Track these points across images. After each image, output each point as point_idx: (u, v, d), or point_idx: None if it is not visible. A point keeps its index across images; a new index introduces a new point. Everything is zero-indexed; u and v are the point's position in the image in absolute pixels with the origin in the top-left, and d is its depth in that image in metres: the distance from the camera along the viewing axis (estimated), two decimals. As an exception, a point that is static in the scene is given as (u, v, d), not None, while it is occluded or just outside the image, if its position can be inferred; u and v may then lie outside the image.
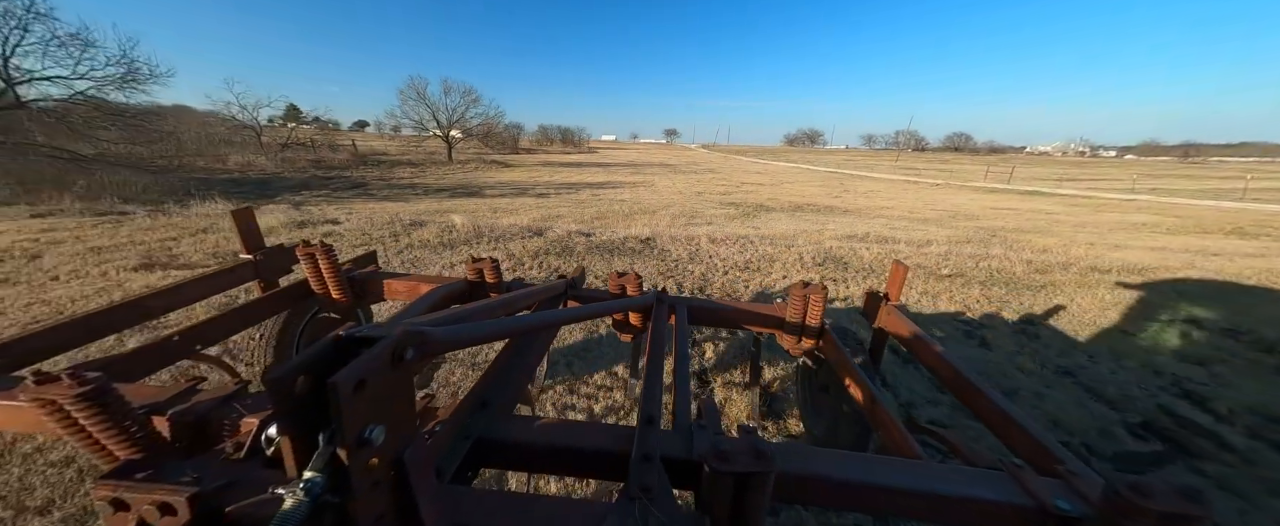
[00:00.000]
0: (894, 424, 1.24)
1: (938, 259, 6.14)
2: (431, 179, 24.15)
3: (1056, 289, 5.07)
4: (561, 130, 79.08)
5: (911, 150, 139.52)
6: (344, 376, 0.49)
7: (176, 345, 1.46)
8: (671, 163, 44.67)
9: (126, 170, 13.89)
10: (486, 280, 1.77)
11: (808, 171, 38.80)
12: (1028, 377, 3.07)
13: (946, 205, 17.54)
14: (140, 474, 0.66)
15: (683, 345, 1.47)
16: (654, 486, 0.78)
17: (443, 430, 0.87)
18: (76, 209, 7.36)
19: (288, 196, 15.26)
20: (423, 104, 38.43)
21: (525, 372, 1.19)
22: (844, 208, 15.65)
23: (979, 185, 28.62)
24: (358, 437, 0.53)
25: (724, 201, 16.33)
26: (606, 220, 10.38)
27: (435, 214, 10.22)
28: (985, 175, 34.31)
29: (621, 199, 15.81)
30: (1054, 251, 7.43)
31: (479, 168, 31.67)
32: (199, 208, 8.20)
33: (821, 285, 1.73)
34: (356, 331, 0.59)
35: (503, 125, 47.44)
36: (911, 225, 11.50)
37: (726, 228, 9.65)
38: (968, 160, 79.37)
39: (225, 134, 30.38)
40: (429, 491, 0.65)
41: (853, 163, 57.39)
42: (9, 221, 6.18)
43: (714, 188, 22.02)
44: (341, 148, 35.34)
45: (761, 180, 28.21)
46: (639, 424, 0.95)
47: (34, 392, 0.73)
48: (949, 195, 22.70)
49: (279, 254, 2.00)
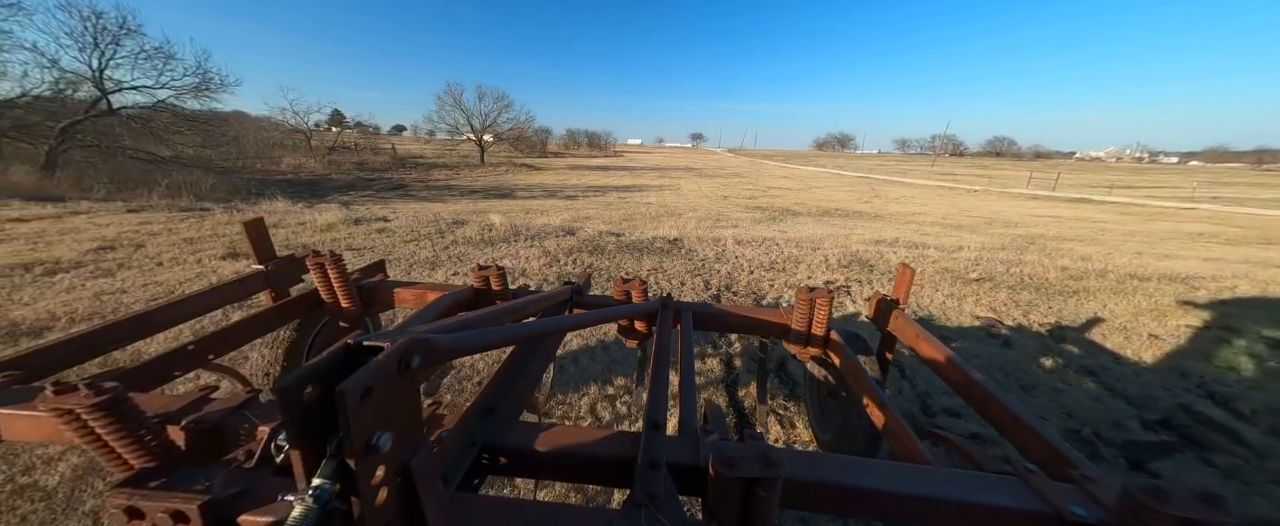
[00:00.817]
0: (903, 429, 1.23)
1: (967, 264, 6.12)
2: (466, 181, 25.15)
3: (1090, 295, 5.00)
4: (588, 134, 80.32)
5: (948, 155, 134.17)
6: (351, 384, 0.50)
7: (190, 355, 1.48)
8: (697, 167, 44.74)
9: (197, 171, 15.23)
10: (492, 288, 1.77)
11: (837, 176, 38.12)
12: (1047, 375, 3.14)
13: (983, 212, 17.00)
14: (154, 482, 0.67)
15: (688, 351, 1.47)
16: (660, 493, 0.78)
17: (449, 437, 0.87)
18: (162, 205, 8.26)
19: (336, 197, 16.32)
20: (458, 109, 40.03)
21: (531, 379, 1.20)
22: (873, 213, 15.43)
23: (1020, 192, 27.45)
24: (365, 445, 0.53)
25: (750, 205, 16.40)
26: (634, 222, 10.71)
27: (473, 214, 10.80)
28: (1028, 181, 32.80)
29: (648, 202, 16.13)
30: (1095, 259, 7.23)
31: (510, 170, 32.65)
32: (266, 206, 9.02)
33: (828, 290, 1.72)
34: (364, 339, 0.59)
35: (532, 129, 48.74)
36: (944, 231, 11.30)
37: (752, 230, 9.80)
38: (1009, 165, 75.70)
39: (279, 138, 32.56)
40: (435, 498, 0.65)
41: (885, 168, 55.83)
42: (112, 215, 7.03)
43: (740, 192, 22.06)
44: (382, 151, 37.21)
45: (788, 185, 27.95)
46: (644, 429, 0.95)
47: (53, 402, 0.75)
48: (987, 202, 21.92)
49: (289, 264, 2.00)
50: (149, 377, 1.36)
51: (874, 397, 1.40)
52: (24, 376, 1.12)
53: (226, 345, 1.60)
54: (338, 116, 56.74)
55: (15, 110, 12.57)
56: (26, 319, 3.17)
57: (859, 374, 1.52)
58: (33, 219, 6.47)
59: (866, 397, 1.45)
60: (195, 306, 1.66)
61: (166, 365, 1.41)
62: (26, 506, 1.65)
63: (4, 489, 1.71)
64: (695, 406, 1.13)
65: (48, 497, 1.69)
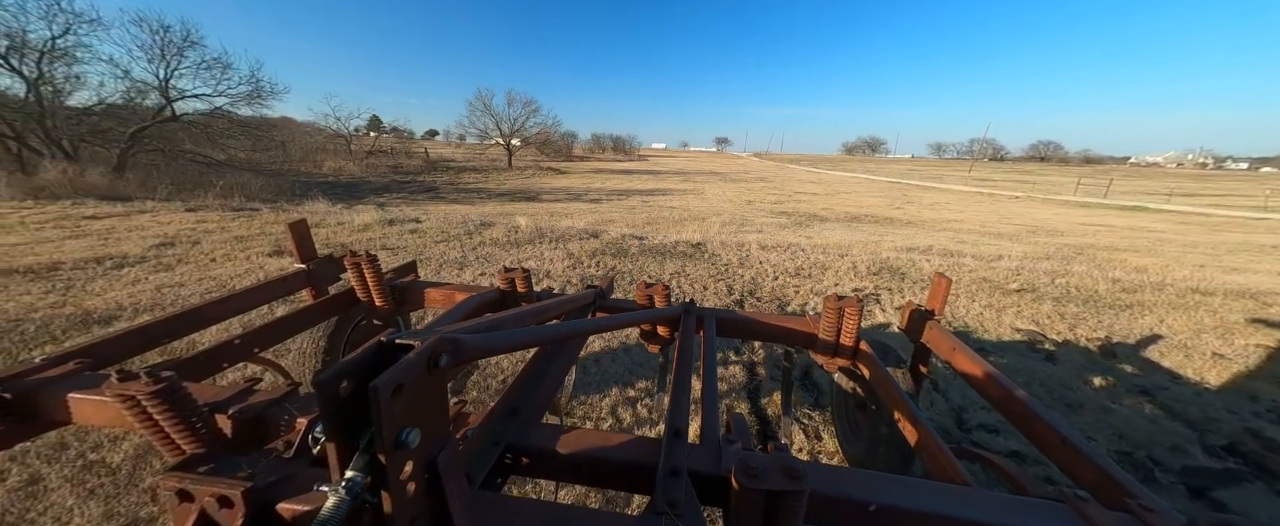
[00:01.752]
0: (938, 446, 1.17)
1: (1007, 274, 5.83)
2: (494, 184, 25.78)
3: (1145, 309, 4.67)
4: (613, 138, 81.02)
5: (987, 160, 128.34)
6: (383, 381, 0.52)
7: (237, 348, 1.55)
8: (721, 171, 44.42)
9: (248, 173, 16.23)
10: (518, 289, 1.81)
11: (867, 181, 37.07)
12: (1096, 393, 2.95)
13: (1025, 219, 16.16)
14: (202, 467, 0.70)
15: (711, 357, 1.45)
16: (681, 501, 0.77)
17: (474, 436, 0.89)
18: (216, 205, 8.84)
19: (372, 198, 17.04)
20: (488, 114, 41.15)
21: (554, 381, 1.20)
22: (906, 219, 14.92)
23: (1067, 199, 25.95)
24: (395, 440, 0.55)
25: (775, 210, 16.15)
26: (657, 225, 10.73)
27: (500, 216, 11.07)
28: (1076, 188, 30.96)
29: (671, 206, 16.12)
30: (1151, 271, 6.75)
31: (536, 174, 33.28)
32: (308, 207, 9.52)
33: (857, 298, 1.68)
34: (396, 337, 0.61)
35: (559, 134, 49.59)
36: (982, 239, 10.81)
37: (777, 236, 9.64)
38: (1054, 171, 71.74)
39: (322, 142, 34.32)
40: (460, 495, 0.67)
41: (918, 172, 53.92)
42: (172, 214, 7.59)
43: (765, 197, 21.76)
44: (415, 155, 38.66)
45: (815, 190, 27.38)
46: (666, 437, 0.94)
47: (117, 388, 0.80)
48: (1029, 209, 20.84)
49: (329, 263, 2.09)
50: (200, 368, 1.43)
51: (907, 412, 1.35)
52: (92, 364, 1.18)
53: (270, 339, 1.68)
54: (376, 122, 59.42)
55: (93, 117, 13.75)
56: (97, 308, 3.45)
57: (890, 386, 1.47)
58: (105, 217, 7.06)
59: (898, 412, 1.40)
60: (243, 302, 1.75)
61: (216, 357, 1.49)
62: (94, 480, 1.79)
63: (76, 463, 1.86)
64: (717, 414, 1.11)
65: (113, 473, 1.83)
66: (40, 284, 3.86)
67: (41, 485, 1.74)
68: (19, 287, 3.75)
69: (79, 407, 1.01)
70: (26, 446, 1.88)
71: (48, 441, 1.93)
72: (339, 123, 36.25)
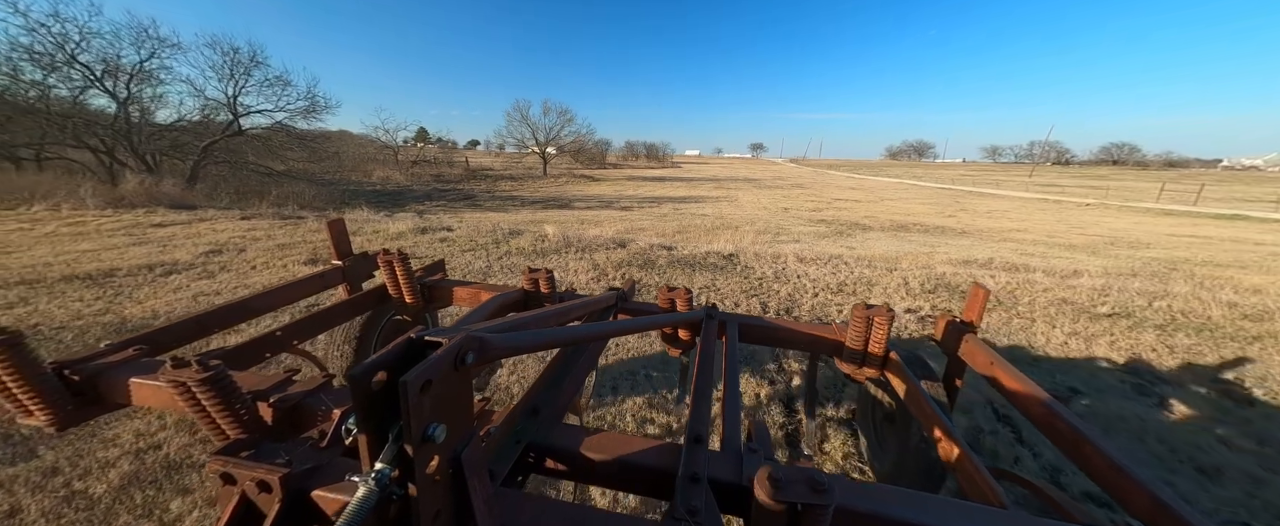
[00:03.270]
0: (974, 465, 1.10)
1: (1091, 294, 5.08)
2: (528, 191, 26.28)
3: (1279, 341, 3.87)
4: (646, 145, 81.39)
5: (1049, 163, 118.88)
6: (412, 376, 0.53)
7: (278, 339, 1.61)
8: (756, 177, 43.43)
9: (303, 183, 17.28)
10: (542, 290, 1.83)
11: (913, 187, 35.05)
12: (1236, 454, 2.36)
13: (1101, 229, 14.55)
14: (245, 453, 0.73)
15: (733, 363, 1.43)
16: (701, 508, 0.76)
17: (496, 433, 0.90)
18: (269, 213, 9.34)
19: (413, 206, 17.70)
20: (525, 124, 42.31)
21: (575, 382, 1.20)
22: (959, 228, 13.79)
23: (1148, 206, 23.33)
24: (422, 434, 0.56)
25: (813, 218, 15.40)
26: (688, 234, 10.39)
27: (530, 224, 11.11)
28: (1159, 194, 27.85)
29: (703, 213, 15.72)
30: (1273, 293, 5.72)
31: (569, 181, 33.73)
32: (351, 214, 9.89)
33: (886, 307, 1.61)
34: (425, 334, 0.62)
35: (593, 142, 50.29)
36: (1051, 251, 9.74)
37: (816, 246, 9.06)
38: (1131, 175, 65.24)
39: (372, 153, 36.40)
40: (483, 491, 0.68)
41: (971, 178, 50.56)
42: (228, 221, 8.06)
43: (802, 204, 20.91)
44: (456, 164, 40.27)
45: (856, 196, 26.11)
46: (686, 443, 0.93)
47: (170, 374, 0.85)
48: (1103, 217, 18.84)
49: (363, 261, 2.16)
50: (244, 358, 1.48)
51: (940, 427, 1.28)
52: (150, 351, 1.22)
53: (308, 332, 1.74)
54: (423, 133, 62.65)
55: (174, 132, 15.08)
56: (134, 316, 3.55)
57: (922, 400, 1.40)
58: (170, 224, 7.57)
59: (931, 427, 1.33)
60: (284, 296, 1.83)
61: (258, 348, 1.54)
62: (72, 514, 1.70)
63: (59, 492, 1.79)
64: (739, 421, 1.08)
65: (92, 506, 1.74)
66: (93, 290, 4.05)
67: (19, 518, 1.66)
68: (74, 293, 3.95)
69: (137, 391, 1.06)
70: (15, 472, 1.84)
71: (39, 467, 1.88)
72: (387, 135, 38.36)
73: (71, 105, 13.29)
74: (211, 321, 1.52)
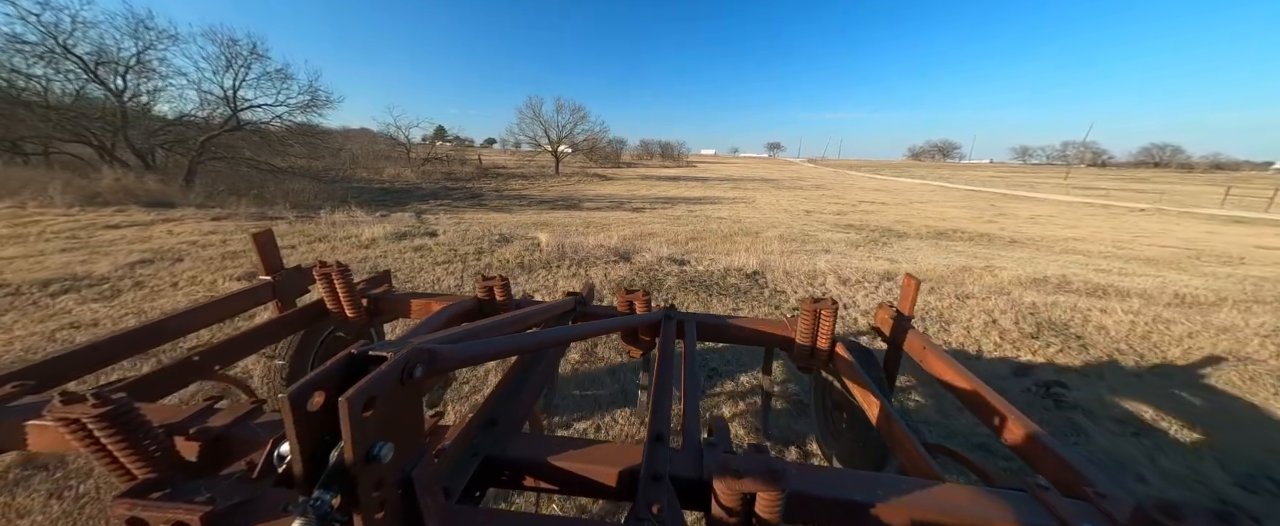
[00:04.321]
0: (911, 443, 1.17)
1: (1249, 335, 3.88)
2: (538, 190, 25.54)
3: None
4: (661, 144, 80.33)
5: (1084, 165, 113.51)
6: (354, 394, 0.50)
7: (196, 365, 1.48)
8: (774, 178, 42.01)
9: (305, 180, 16.77)
10: (496, 298, 1.79)
11: (941, 189, 33.22)
12: None
13: (1171, 239, 12.94)
14: (157, 493, 0.67)
15: (692, 362, 1.48)
16: (663, 506, 0.77)
17: (450, 448, 0.86)
18: (247, 213, 8.65)
19: (416, 205, 17.00)
20: (537, 121, 41.73)
21: (533, 390, 1.20)
22: (1006, 236, 12.40)
23: (1212, 212, 21.26)
24: (366, 455, 0.53)
25: (840, 223, 14.16)
26: (703, 242, 9.33)
27: (531, 227, 10.21)
28: (1223, 199, 25.55)
29: (720, 217, 14.62)
30: None
31: (582, 181, 32.98)
32: (340, 215, 9.12)
33: (832, 301, 1.67)
34: (368, 349, 0.60)
35: (607, 140, 49.48)
36: (1129, 267, 8.38)
37: (852, 258, 7.91)
38: (1175, 178, 61.34)
39: (385, 150, 36.23)
40: (437, 511, 0.66)
41: (1002, 180, 48.11)
42: (197, 222, 7.36)
43: (825, 206, 19.62)
44: (469, 162, 39.92)
45: (882, 198, 24.62)
46: (648, 442, 0.93)
47: (60, 412, 0.75)
48: (1166, 224, 17.05)
49: (296, 275, 2.03)
50: (156, 387, 1.35)
51: (881, 412, 1.37)
52: (35, 386, 1.12)
53: (232, 356, 1.62)
54: (441, 132, 62.84)
55: (177, 127, 14.69)
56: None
57: (865, 386, 1.49)
58: (127, 226, 6.87)
59: (873, 412, 1.42)
60: (204, 317, 1.70)
61: (174, 375, 1.42)
62: None
63: None
64: (698, 418, 1.10)
65: None
66: (-43, 315, 3.26)
67: None
68: (-70, 319, 3.16)
69: (18, 434, 0.96)
70: None
71: None
72: (399, 131, 38.18)
73: (74, 99, 12.97)
74: (115, 348, 1.40)
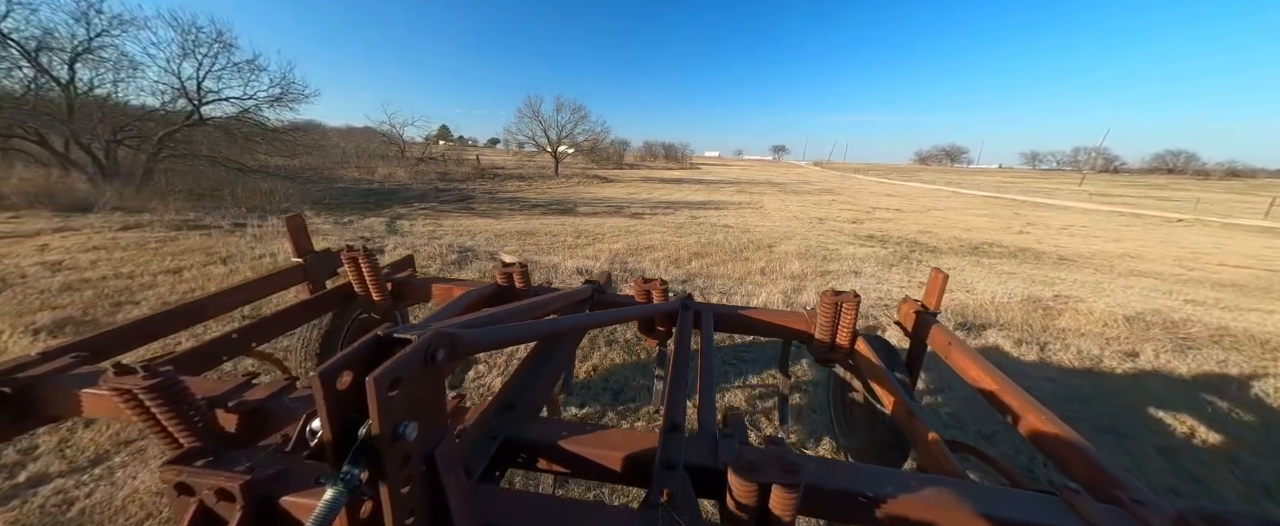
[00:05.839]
0: (933, 439, 1.18)
1: None
2: (534, 193, 24.24)
3: None
4: (665, 146, 79.19)
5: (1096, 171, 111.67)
6: (381, 374, 0.52)
7: (235, 342, 1.57)
8: (779, 181, 40.69)
9: (278, 180, 15.54)
10: (515, 285, 1.83)
11: (955, 195, 31.79)
12: None
13: (1234, 257, 11.52)
14: (200, 461, 0.70)
15: (708, 352, 1.48)
16: (678, 494, 0.77)
17: (470, 429, 0.90)
18: (167, 220, 7.38)
19: (397, 207, 15.70)
20: (536, 120, 40.53)
21: (551, 376, 1.23)
22: (1050, 252, 11.03)
23: (1259, 223, 19.80)
24: (392, 433, 0.55)
25: (858, 234, 12.80)
26: (709, 258, 8.02)
27: (511, 238, 8.94)
28: (1267, 210, 24.07)
29: (726, 224, 13.28)
30: None
31: (581, 182, 31.73)
32: (272, 222, 7.86)
33: (854, 294, 1.67)
34: (394, 331, 0.62)
35: (609, 141, 48.28)
36: (1220, 295, 7.00)
37: (888, 284, 6.58)
38: (1192, 185, 59.66)
39: (378, 149, 35.05)
40: (458, 489, 0.68)
41: (1015, 185, 46.60)
42: (97, 232, 6.14)
43: (838, 213, 18.25)
44: (466, 162, 38.74)
45: (896, 204, 23.25)
46: (663, 430, 0.95)
47: (113, 382, 0.83)
48: (1218, 238, 15.60)
49: (325, 258, 2.15)
50: (198, 362, 1.44)
51: (902, 406, 1.36)
52: (90, 358, 1.18)
53: (267, 334, 1.71)
54: (445, 131, 61.82)
55: (138, 122, 13.47)
56: None
57: (886, 382, 1.48)
58: (3, 238, 5.66)
59: (894, 407, 1.41)
60: (241, 296, 1.82)
61: (214, 351, 1.51)
62: None
63: None
64: (714, 408, 1.11)
65: None
66: None
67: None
68: None
69: (76, 401, 1.03)
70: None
71: None
72: (392, 129, 37.03)
73: (25, 90, 11.79)
74: (160, 324, 1.48)
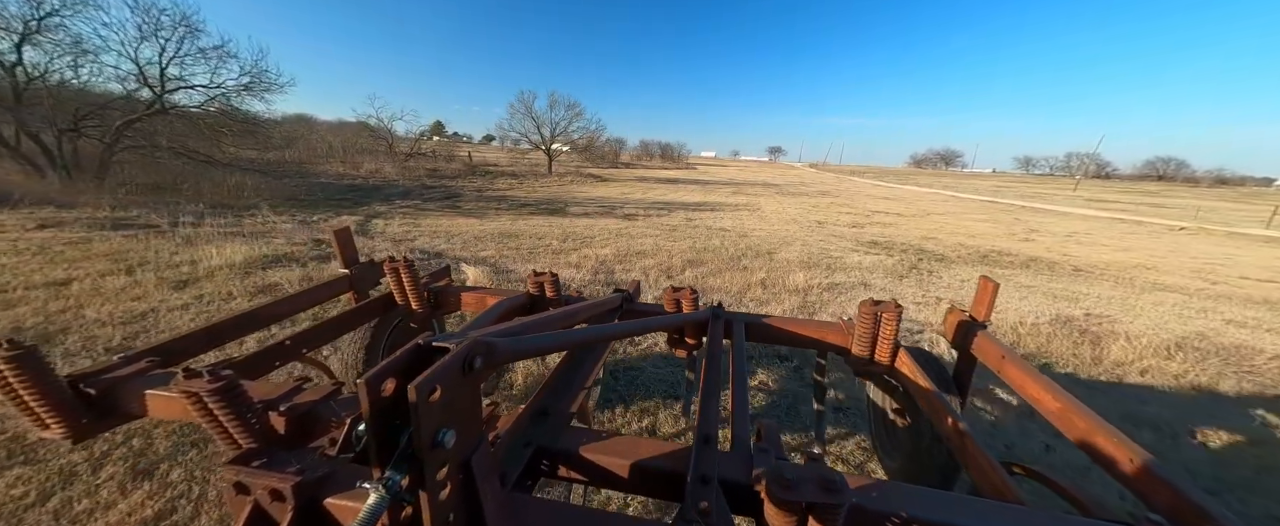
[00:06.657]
0: (988, 461, 1.10)
1: None
2: (525, 191, 23.46)
3: None
4: (661, 145, 78.50)
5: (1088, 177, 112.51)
6: (421, 382, 0.53)
7: (288, 348, 1.66)
8: (776, 182, 40.17)
9: (252, 174, 14.65)
10: (547, 294, 1.89)
11: (953, 199, 31.39)
12: None
13: (1252, 268, 11.04)
14: (257, 461, 0.72)
15: (741, 363, 1.46)
16: (711, 510, 0.76)
17: (504, 437, 0.91)
18: (93, 217, 6.59)
19: (379, 205, 14.87)
20: (529, 117, 39.63)
21: (582, 384, 1.24)
22: (1063, 262, 10.49)
23: (1262, 233, 19.50)
24: (432, 440, 0.57)
25: (861, 239, 12.20)
26: (704, 267, 7.36)
27: (487, 242, 8.24)
28: (1270, 218, 23.85)
29: (722, 228, 12.63)
30: None
31: (574, 181, 30.98)
32: (213, 221, 7.10)
33: (894, 302, 1.62)
34: (434, 340, 0.63)
35: (604, 139, 47.50)
36: (1258, 315, 6.44)
37: (903, 297, 5.95)
38: (1184, 192, 60.03)
39: (366, 143, 33.99)
40: (494, 496, 0.70)
41: (1011, 189, 46.44)
42: (5, 233, 5.37)
43: (837, 216, 17.67)
44: (457, 158, 37.80)
45: (895, 207, 22.76)
46: (695, 444, 0.93)
47: (181, 385, 0.88)
48: (1227, 248, 15.18)
49: (370, 268, 2.22)
50: (254, 368, 1.52)
51: (951, 424, 1.29)
52: (162, 362, 1.24)
53: (316, 340, 1.81)
54: (439, 127, 60.57)
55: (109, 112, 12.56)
56: None
57: (932, 397, 1.42)
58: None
59: (941, 423, 1.34)
60: (292, 305, 1.89)
61: (269, 357, 1.61)
62: None
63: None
64: (747, 421, 1.09)
65: None
66: None
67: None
68: None
69: (151, 402, 1.11)
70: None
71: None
72: (381, 124, 35.97)
73: None
74: (223, 332, 1.54)
